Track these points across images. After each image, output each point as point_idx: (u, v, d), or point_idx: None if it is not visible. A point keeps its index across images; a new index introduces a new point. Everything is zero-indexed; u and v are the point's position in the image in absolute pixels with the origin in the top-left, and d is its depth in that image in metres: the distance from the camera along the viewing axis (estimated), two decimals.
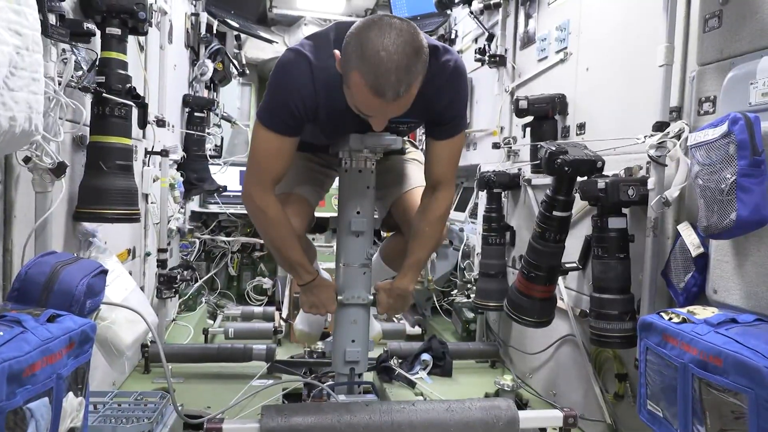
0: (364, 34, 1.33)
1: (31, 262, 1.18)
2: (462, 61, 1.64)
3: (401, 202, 1.97)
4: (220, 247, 4.42)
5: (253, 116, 5.62)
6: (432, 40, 1.59)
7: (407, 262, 1.83)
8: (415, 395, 2.47)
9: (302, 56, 1.51)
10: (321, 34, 1.58)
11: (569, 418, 1.35)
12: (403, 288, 1.82)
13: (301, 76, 1.51)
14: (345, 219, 1.79)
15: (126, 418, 1.41)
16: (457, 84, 1.61)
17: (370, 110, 1.42)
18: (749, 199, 1.24)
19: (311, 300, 1.80)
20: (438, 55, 1.55)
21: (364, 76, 1.32)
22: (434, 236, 1.80)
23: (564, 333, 2.31)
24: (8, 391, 0.85)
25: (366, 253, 1.81)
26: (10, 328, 0.93)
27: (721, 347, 1.15)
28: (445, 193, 1.76)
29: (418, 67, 1.35)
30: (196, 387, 2.42)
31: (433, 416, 1.28)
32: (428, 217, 1.76)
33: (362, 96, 1.36)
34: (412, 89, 1.37)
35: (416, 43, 1.35)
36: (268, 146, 1.58)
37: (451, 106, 1.63)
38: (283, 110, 1.53)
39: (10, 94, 1.00)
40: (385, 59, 1.30)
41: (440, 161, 1.72)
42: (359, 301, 1.80)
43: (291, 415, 1.24)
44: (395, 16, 1.40)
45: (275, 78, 1.56)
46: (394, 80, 1.31)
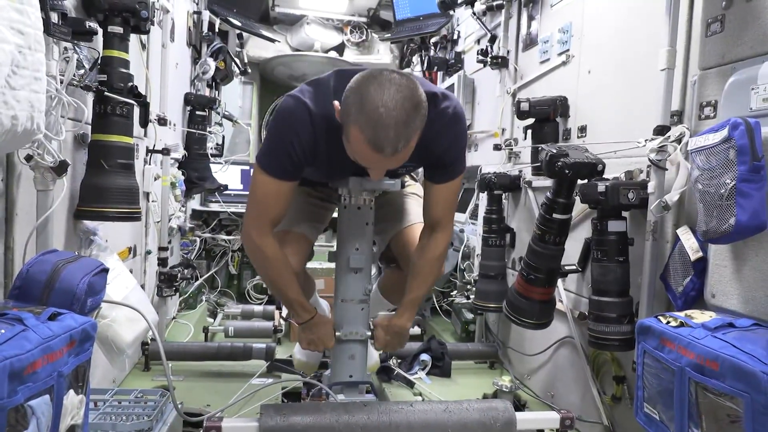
0: (363, 88, 1.35)
1: (32, 261, 1.19)
2: (460, 106, 1.66)
3: (400, 238, 2.00)
4: (220, 246, 4.43)
5: (255, 115, 5.63)
6: (431, 87, 1.62)
7: (405, 300, 1.86)
8: (414, 395, 2.48)
9: (302, 103, 1.53)
10: (321, 81, 1.60)
11: (566, 420, 1.36)
12: (400, 326, 1.86)
13: (301, 123, 1.53)
14: (344, 255, 1.81)
15: (126, 415, 1.41)
16: (455, 130, 1.63)
17: (368, 163, 1.44)
18: (748, 204, 1.24)
19: (309, 337, 1.82)
20: (437, 102, 1.57)
21: (364, 131, 1.33)
22: (432, 275, 1.84)
23: (563, 335, 2.31)
24: (9, 389, 0.85)
25: (364, 289, 1.84)
26: (11, 326, 0.93)
27: (718, 351, 1.16)
28: (443, 233, 1.79)
29: (416, 123, 1.37)
30: (195, 385, 2.43)
31: (431, 417, 1.29)
32: (426, 256, 1.79)
33: (361, 150, 1.37)
34: (411, 143, 1.39)
35: (415, 98, 1.37)
36: (266, 190, 1.61)
37: (449, 151, 1.65)
38: (282, 156, 1.55)
39: (12, 92, 1.00)
40: (384, 115, 1.31)
41: (438, 203, 1.75)
42: (357, 337, 1.82)
43: (290, 414, 1.24)
44: (395, 71, 1.42)
45: (275, 124, 1.59)
46: (393, 136, 1.32)
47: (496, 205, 2.75)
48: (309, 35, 5.10)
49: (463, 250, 3.36)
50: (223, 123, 4.09)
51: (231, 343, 2.67)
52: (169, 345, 2.64)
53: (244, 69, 4.16)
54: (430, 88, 1.59)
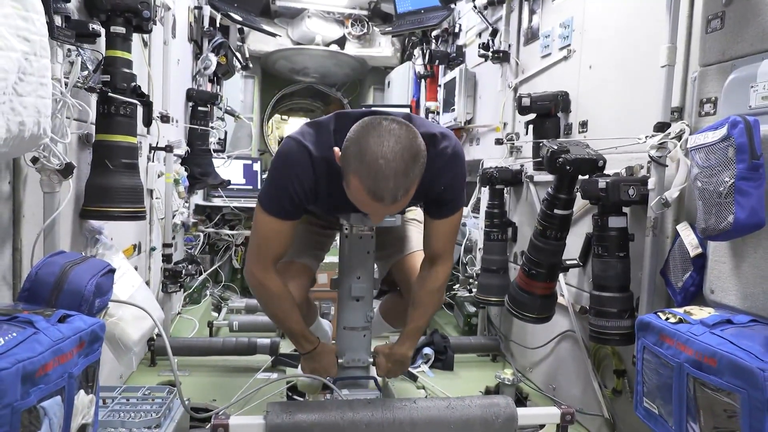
0: (363, 140, 1.37)
1: (40, 263, 1.21)
2: (459, 146, 1.69)
3: (402, 266, 2.04)
4: (224, 240, 4.45)
5: (257, 108, 5.64)
6: (430, 128, 1.64)
7: (407, 329, 1.90)
8: (417, 389, 2.51)
9: (303, 147, 1.57)
10: (322, 123, 1.63)
11: (566, 416, 1.38)
12: (402, 354, 1.91)
13: (302, 166, 1.57)
14: (346, 284, 1.84)
15: (134, 412, 1.44)
16: (454, 169, 1.66)
17: (368, 210, 1.47)
18: (747, 202, 1.26)
19: (312, 366, 1.87)
20: (436, 143, 1.60)
21: (363, 182, 1.36)
22: (433, 305, 1.89)
23: (564, 329, 2.33)
24: (23, 391, 0.88)
25: (366, 317, 1.87)
26: (22, 329, 0.95)
27: (715, 348, 1.18)
28: (444, 266, 1.83)
29: (415, 172, 1.40)
30: (201, 380, 2.46)
31: (433, 413, 1.32)
32: (427, 287, 1.83)
33: (361, 198, 1.40)
34: (410, 192, 1.41)
35: (414, 148, 1.39)
36: (268, 229, 1.65)
37: (448, 190, 1.68)
38: (284, 197, 1.59)
39: (19, 99, 1.02)
40: (384, 167, 1.33)
41: (438, 237, 1.78)
42: (359, 364, 1.87)
43: (295, 412, 1.27)
44: (395, 119, 1.43)
45: (276, 166, 1.63)
46: (393, 187, 1.35)
47: (498, 200, 2.76)
48: (310, 29, 5.09)
49: (465, 243, 3.38)
50: (225, 118, 4.10)
51: (236, 339, 2.70)
52: (174, 341, 2.67)
53: (246, 64, 4.16)
54: (428, 129, 1.63)
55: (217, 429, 1.26)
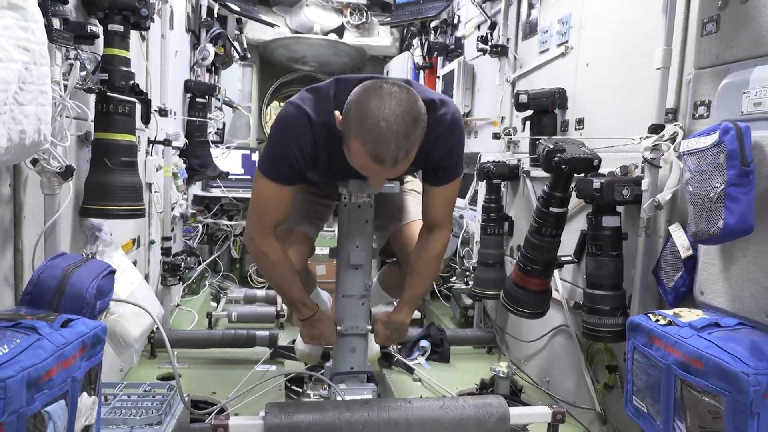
0: (364, 102, 1.38)
1: (42, 266, 1.23)
2: (458, 112, 1.68)
3: (400, 236, 2.04)
4: (222, 230, 4.48)
5: (255, 97, 5.62)
6: (429, 94, 1.64)
7: (405, 297, 1.91)
8: (414, 381, 2.55)
9: (302, 112, 1.56)
10: (321, 89, 1.62)
11: (557, 415, 1.41)
12: (400, 321, 1.92)
13: (301, 130, 1.56)
14: (344, 252, 1.85)
15: (136, 409, 1.47)
16: (453, 136, 1.66)
17: (369, 173, 1.47)
18: (736, 208, 1.28)
19: (311, 333, 1.88)
20: (435, 109, 1.60)
21: (365, 144, 1.36)
22: (431, 273, 1.89)
23: (558, 323, 2.37)
24: (28, 397, 0.90)
25: (364, 285, 1.88)
26: (26, 336, 0.98)
27: (702, 351, 1.21)
28: (442, 234, 1.83)
29: (416, 134, 1.40)
30: (200, 372, 2.50)
31: (428, 413, 1.35)
32: (425, 255, 1.84)
33: (362, 161, 1.41)
34: (411, 155, 1.42)
35: (415, 111, 1.39)
36: (268, 195, 1.65)
37: (447, 156, 1.68)
38: (283, 162, 1.59)
39: (19, 108, 1.03)
40: (385, 129, 1.34)
41: (437, 205, 1.78)
42: (357, 331, 1.88)
43: (294, 412, 1.30)
44: (395, 83, 1.44)
45: (276, 131, 1.62)
46: (394, 149, 1.36)
47: (495, 194, 2.79)
48: (308, 17, 5.06)
49: (463, 236, 3.41)
50: (224, 109, 4.10)
51: (235, 331, 2.73)
52: (174, 333, 2.71)
53: (244, 54, 4.14)
54: (428, 95, 1.62)
55: (217, 429, 1.29)
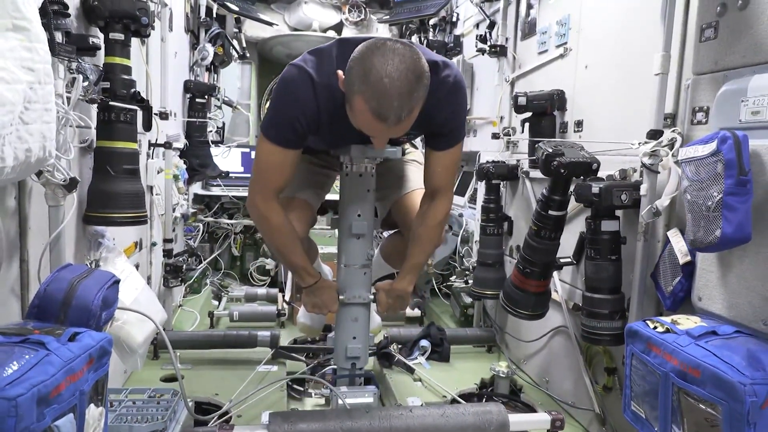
0: (367, 59, 1.37)
1: (48, 279, 1.24)
2: (461, 75, 1.67)
3: (401, 205, 2.03)
4: (223, 228, 4.49)
5: (254, 95, 5.62)
6: (432, 55, 1.62)
7: (406, 264, 1.90)
8: (414, 381, 2.58)
9: (305, 72, 1.54)
10: (324, 50, 1.60)
11: (556, 422, 1.44)
12: (401, 289, 1.91)
13: (304, 92, 1.55)
14: (346, 222, 1.84)
15: (141, 416, 1.49)
16: (456, 98, 1.65)
17: (372, 132, 1.47)
18: (734, 217, 1.29)
19: (314, 301, 1.88)
20: (438, 71, 1.59)
21: (368, 102, 1.36)
22: (433, 241, 1.88)
23: (557, 324, 2.39)
24: (38, 413, 0.92)
25: (366, 254, 1.88)
26: (35, 351, 1.00)
27: (700, 360, 1.23)
28: (444, 200, 1.82)
29: (420, 92, 1.40)
30: (203, 373, 2.52)
31: (429, 421, 1.37)
32: (427, 222, 1.83)
33: (365, 119, 1.41)
34: (414, 113, 1.42)
35: (418, 69, 1.39)
36: (271, 159, 1.64)
37: (450, 119, 1.67)
38: (286, 125, 1.58)
39: (25, 127, 1.04)
40: (388, 86, 1.34)
41: (439, 171, 1.77)
42: (360, 300, 1.88)
43: (297, 421, 1.32)
44: (398, 40, 1.43)
45: (278, 94, 1.60)
46: (397, 106, 1.36)
47: (494, 195, 2.80)
48: (307, 14, 5.05)
49: (462, 234, 3.42)
50: (223, 108, 4.10)
51: (236, 332, 2.75)
52: (176, 334, 2.73)
53: (243, 53, 4.14)
54: (431, 57, 1.61)
55: None
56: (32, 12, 1.03)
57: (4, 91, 0.95)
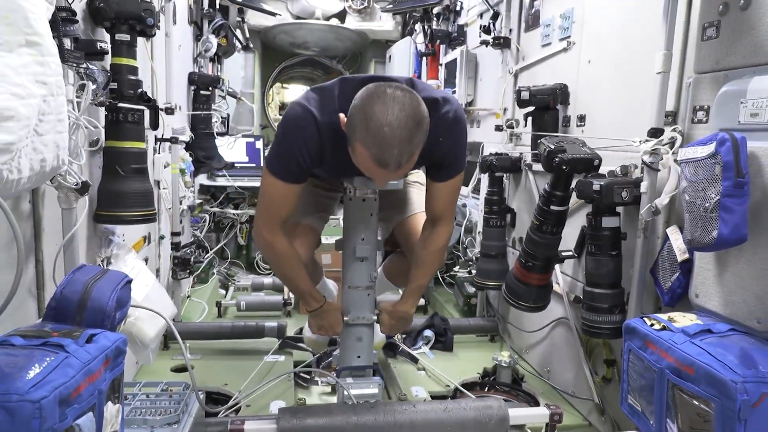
0: (368, 107, 1.41)
1: (64, 282, 1.29)
2: (461, 110, 1.71)
3: (404, 227, 2.09)
4: (229, 218, 4.54)
5: (258, 84, 5.63)
6: (432, 92, 1.67)
7: (409, 288, 1.97)
8: (418, 370, 2.64)
9: (308, 112, 1.60)
10: (326, 89, 1.65)
11: (555, 416, 1.48)
12: (404, 311, 1.99)
13: (308, 131, 1.60)
14: (350, 245, 1.90)
15: (155, 409, 1.55)
16: (456, 133, 1.69)
17: (373, 176, 1.52)
18: (730, 218, 1.32)
19: (319, 323, 1.96)
20: (438, 107, 1.63)
21: (369, 149, 1.40)
22: (435, 264, 1.95)
23: (559, 315, 2.43)
24: (60, 414, 0.97)
25: (370, 276, 1.93)
26: (55, 354, 1.04)
27: (694, 358, 1.27)
28: (445, 227, 1.88)
29: (419, 138, 1.44)
30: (212, 363, 2.59)
31: (431, 416, 1.42)
32: (429, 248, 1.89)
33: (366, 164, 1.45)
34: (414, 157, 1.46)
35: (418, 115, 1.43)
36: (275, 192, 1.70)
37: (450, 153, 1.71)
38: (290, 161, 1.64)
39: (39, 139, 1.07)
40: (389, 134, 1.37)
41: (440, 200, 1.82)
42: (363, 321, 1.94)
43: (305, 417, 1.38)
44: (398, 86, 1.46)
45: (283, 131, 1.66)
46: (397, 154, 1.39)
47: (497, 187, 2.82)
48: (310, 3, 5.03)
49: (466, 224, 3.46)
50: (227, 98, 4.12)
51: (244, 323, 2.81)
52: (185, 326, 2.79)
53: (246, 44, 4.15)
54: (431, 94, 1.65)
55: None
56: (44, 27, 1.05)
57: (20, 107, 0.98)
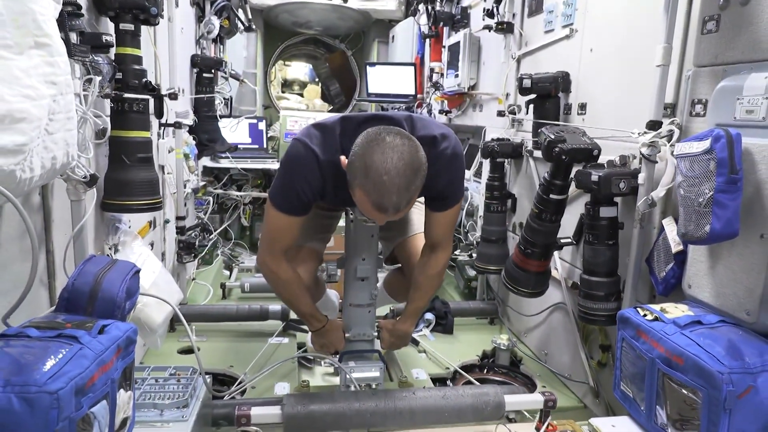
0: (368, 156, 1.45)
1: (75, 273, 1.33)
2: (459, 145, 1.75)
3: (405, 248, 2.16)
4: (232, 199, 4.58)
5: (260, 63, 5.61)
6: (431, 129, 1.70)
7: (408, 309, 2.05)
8: (419, 352, 2.70)
9: (310, 150, 1.65)
10: (327, 127, 1.69)
11: (549, 402, 1.54)
12: (403, 330, 2.07)
13: (310, 169, 1.66)
14: (351, 265, 1.96)
15: (163, 393, 1.61)
16: (453, 168, 1.74)
17: (372, 218, 1.57)
18: (723, 214, 1.35)
19: (321, 342, 2.05)
20: (436, 144, 1.68)
21: (368, 195, 1.45)
22: (433, 287, 2.03)
23: (557, 300, 2.48)
24: (76, 403, 1.02)
25: (370, 295, 2.00)
26: (70, 346, 1.09)
27: (683, 348, 1.32)
28: (443, 253, 1.95)
29: (417, 184, 1.48)
30: (218, 345, 2.65)
31: (430, 403, 1.48)
32: (427, 272, 1.96)
33: (366, 208, 1.50)
34: (412, 201, 1.51)
35: (416, 163, 1.47)
36: (278, 224, 1.77)
37: (448, 186, 1.76)
38: (293, 196, 1.70)
39: (50, 137, 1.10)
40: (387, 183, 1.42)
41: (438, 228, 1.88)
42: (364, 338, 2.02)
43: (308, 403, 1.43)
44: (398, 132, 1.50)
45: (286, 168, 1.71)
46: (395, 200, 1.44)
47: (499, 173, 2.85)
48: None
49: (467, 207, 3.49)
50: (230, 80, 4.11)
51: (248, 305, 2.87)
52: (191, 308, 2.85)
53: (249, 25, 4.12)
54: (429, 132, 1.70)
55: (241, 419, 1.43)
56: (52, 27, 1.08)
57: (31, 108, 1.01)
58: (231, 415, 1.59)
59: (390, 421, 1.43)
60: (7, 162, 0.97)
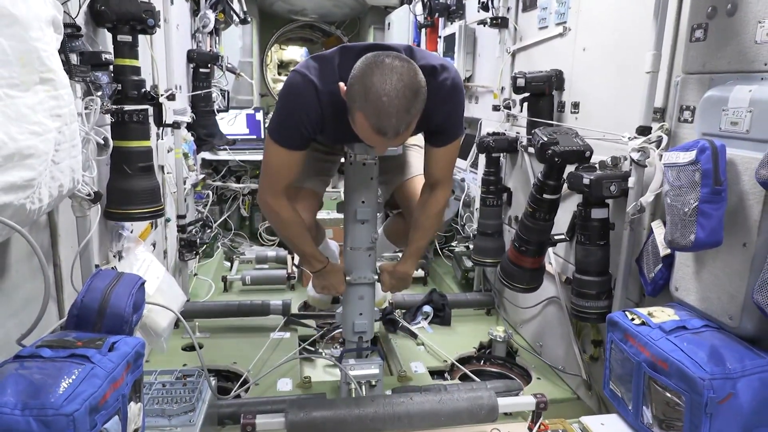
0: (368, 78, 1.44)
1: (84, 290, 1.38)
2: (459, 77, 1.73)
3: (403, 190, 2.14)
4: (231, 190, 4.63)
5: (256, 52, 5.59)
6: (430, 60, 1.68)
7: (409, 249, 2.03)
8: (417, 345, 2.77)
9: (309, 81, 1.63)
10: (327, 57, 1.67)
11: (540, 404, 1.60)
12: (404, 272, 2.06)
13: (308, 99, 1.63)
14: (351, 208, 1.96)
15: (171, 398, 1.67)
16: (454, 100, 1.72)
17: (372, 143, 1.56)
18: (707, 223, 1.40)
19: (323, 283, 2.04)
20: (436, 75, 1.65)
21: (368, 118, 1.45)
22: (433, 227, 2.00)
23: (551, 294, 2.54)
24: (90, 421, 1.08)
25: (371, 238, 2.00)
26: (82, 366, 1.15)
27: (668, 354, 1.38)
28: (443, 191, 1.93)
29: (417, 107, 1.48)
30: (221, 342, 2.72)
31: (427, 407, 1.55)
32: (427, 211, 1.95)
33: (366, 133, 1.49)
34: (412, 125, 1.50)
35: (415, 85, 1.46)
36: (278, 160, 1.75)
37: (448, 119, 1.74)
38: (292, 129, 1.68)
39: (56, 167, 1.14)
40: (387, 104, 1.42)
41: (438, 165, 1.87)
42: (365, 280, 2.02)
43: (311, 410, 1.50)
44: (397, 56, 1.49)
45: (284, 100, 1.69)
46: (395, 123, 1.44)
47: (494, 167, 2.88)
48: None
49: (464, 198, 3.53)
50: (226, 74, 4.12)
51: (250, 301, 2.93)
52: (194, 305, 2.92)
53: (244, 18, 4.11)
54: (429, 62, 1.67)
55: (246, 427, 1.49)
56: (55, 62, 1.11)
57: (39, 144, 1.05)
58: (235, 415, 1.66)
59: (389, 425, 1.50)
60: (17, 197, 1.02)
